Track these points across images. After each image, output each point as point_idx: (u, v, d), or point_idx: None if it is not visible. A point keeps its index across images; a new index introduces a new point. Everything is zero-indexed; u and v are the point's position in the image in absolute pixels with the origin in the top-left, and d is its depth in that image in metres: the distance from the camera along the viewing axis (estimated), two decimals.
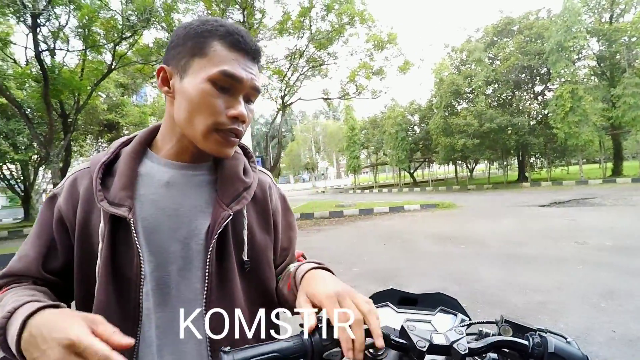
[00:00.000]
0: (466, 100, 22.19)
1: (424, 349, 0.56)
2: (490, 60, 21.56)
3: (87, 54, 11.04)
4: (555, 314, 3.24)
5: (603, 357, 2.49)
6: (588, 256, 5.02)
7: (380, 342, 0.53)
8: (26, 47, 10.43)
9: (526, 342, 0.57)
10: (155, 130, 0.73)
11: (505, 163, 22.87)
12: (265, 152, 17.61)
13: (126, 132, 18.50)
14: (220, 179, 0.72)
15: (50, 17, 9.63)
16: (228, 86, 0.63)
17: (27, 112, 11.18)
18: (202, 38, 0.63)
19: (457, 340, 0.58)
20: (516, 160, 24.40)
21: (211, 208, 0.69)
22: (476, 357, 0.61)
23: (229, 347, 0.50)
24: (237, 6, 11.34)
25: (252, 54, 0.66)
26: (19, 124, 13.49)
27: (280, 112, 15.02)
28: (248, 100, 0.67)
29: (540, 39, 18.86)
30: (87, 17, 9.30)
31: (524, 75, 20.65)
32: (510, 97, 21.75)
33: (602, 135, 17.70)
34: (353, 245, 7.34)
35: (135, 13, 9.83)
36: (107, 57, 11.68)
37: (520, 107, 20.07)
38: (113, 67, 11.18)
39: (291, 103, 15.40)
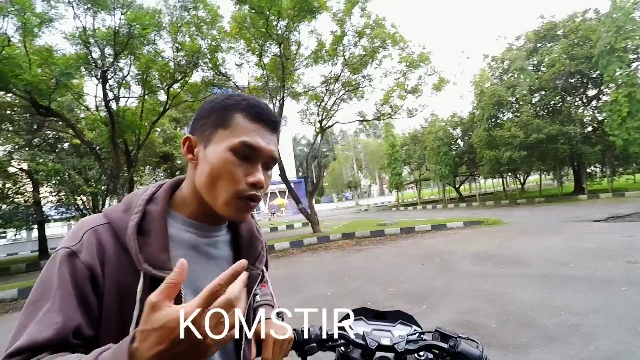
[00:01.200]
0: (511, 111, 21.40)
1: (374, 347, 0.88)
2: (535, 68, 20.77)
3: (145, 97, 12.39)
4: (587, 336, 3.21)
5: None
6: (638, 277, 4.78)
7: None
8: (96, 96, 12.09)
9: (445, 345, 0.86)
10: (172, 189, 0.75)
11: (560, 174, 21.51)
12: (307, 173, 18.13)
13: (179, 162, 20.06)
14: (242, 239, 0.80)
15: (115, 70, 11.04)
16: (248, 155, 0.67)
17: (97, 151, 12.63)
18: (225, 111, 0.68)
19: (398, 342, 0.89)
20: (572, 171, 22.87)
21: None
22: (415, 355, 0.90)
23: None
24: (274, 41, 12.14)
25: (271, 125, 0.71)
26: (90, 161, 15.27)
27: (319, 135, 15.54)
28: (267, 167, 0.72)
29: (588, 42, 17.93)
30: (145, 66, 10.65)
31: (573, 80, 19.61)
32: (559, 104, 20.66)
33: None
34: (392, 265, 7.43)
35: (185, 58, 11.05)
36: (162, 97, 13.06)
37: (572, 115, 18.95)
38: (168, 106, 12.44)
39: (329, 127, 15.89)
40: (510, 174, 24.48)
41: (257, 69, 13.50)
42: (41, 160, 13.10)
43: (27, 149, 14.89)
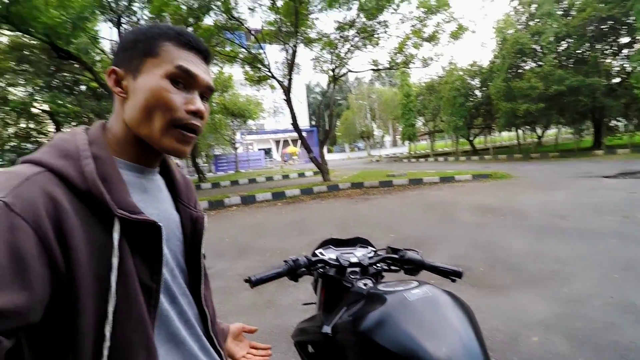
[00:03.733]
0: (534, 60, 20.36)
1: (346, 265, 1.18)
2: (564, 13, 19.40)
3: None
4: (563, 280, 3.53)
5: (592, 318, 2.82)
6: (629, 231, 4.98)
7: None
8: (111, 40, 11.99)
9: (396, 256, 1.20)
10: (103, 131, 0.67)
11: (579, 128, 20.89)
12: (319, 122, 18.10)
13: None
14: (177, 182, 0.78)
15: (129, 14, 10.89)
16: (184, 82, 0.64)
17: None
18: (153, 39, 0.63)
19: (362, 259, 1.19)
20: (593, 125, 22.15)
21: (177, 211, 0.75)
22: (375, 266, 1.19)
23: (250, 275, 1.08)
24: None
25: (204, 53, 0.68)
26: (107, 104, 15.58)
27: (332, 83, 15.32)
28: (203, 98, 0.68)
29: None
30: (158, 10, 10.49)
31: (604, 27, 18.30)
32: (586, 53, 19.50)
33: None
34: (396, 214, 7.80)
35: (197, 1, 10.80)
36: None
37: (598, 65, 17.95)
38: None
39: (342, 75, 15.58)
40: (527, 127, 23.93)
41: (271, 13, 13.07)
42: (61, 102, 13.48)
43: (47, 90, 15.25)
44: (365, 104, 43.54)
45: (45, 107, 15.71)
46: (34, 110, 15.95)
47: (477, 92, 25.35)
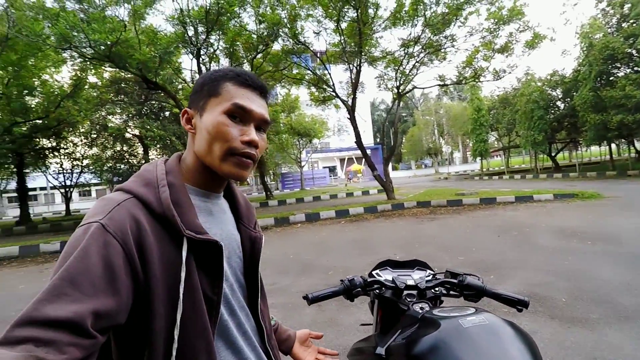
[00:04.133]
0: (629, 65, 18.14)
1: (402, 287, 1.17)
2: None
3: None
4: None
5: None
6: None
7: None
8: (191, 70, 13.44)
9: (456, 281, 1.14)
10: (179, 162, 0.78)
11: None
12: (383, 139, 17.97)
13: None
14: (240, 205, 0.87)
15: (207, 45, 12.10)
16: (240, 117, 0.73)
17: None
18: (215, 82, 0.74)
19: (420, 282, 1.17)
20: None
21: (238, 231, 0.83)
22: (433, 290, 1.16)
23: (308, 293, 1.14)
24: (351, 6, 11.96)
25: (259, 89, 0.77)
26: None
27: (397, 100, 15.19)
28: (259, 129, 0.77)
29: None
30: (231, 40, 11.53)
31: None
32: None
33: None
34: (465, 235, 7.37)
35: (266, 29, 11.65)
36: (246, 68, 13.97)
37: None
38: None
39: (406, 92, 15.40)
40: (622, 140, 21.17)
41: (335, 35, 13.52)
42: (149, 127, 15.26)
43: (137, 117, 17.40)
44: (432, 119, 42.28)
45: (136, 132, 17.95)
46: (127, 135, 18.34)
47: (559, 104, 23.25)
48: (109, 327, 0.56)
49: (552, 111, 22.78)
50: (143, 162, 18.75)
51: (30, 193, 26.39)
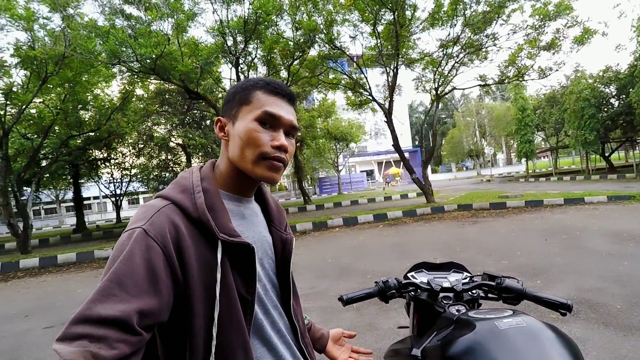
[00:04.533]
0: None
1: (438, 290, 1.16)
2: None
3: (270, 76, 13.82)
4: None
5: None
6: None
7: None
8: (230, 79, 14.04)
9: (493, 283, 1.12)
10: (213, 169, 0.83)
11: None
12: (422, 141, 17.65)
13: (298, 135, 21.78)
14: (271, 208, 0.91)
15: (246, 54, 12.60)
16: (270, 123, 0.76)
17: None
18: (246, 91, 0.78)
19: (456, 284, 1.17)
20: None
21: (270, 233, 0.87)
22: (470, 292, 1.15)
23: (342, 294, 1.18)
24: (388, 9, 11.94)
25: (288, 97, 0.81)
26: None
27: (435, 102, 14.91)
28: (289, 135, 0.80)
29: None
30: (269, 48, 11.93)
31: None
32: None
33: None
34: (509, 238, 7.11)
35: (303, 36, 11.94)
36: (283, 74, 14.35)
37: None
38: (289, 82, 13.65)
39: (445, 93, 15.07)
40: None
41: (371, 38, 13.54)
42: (191, 136, 16.04)
43: (180, 127, 18.34)
44: (473, 120, 40.83)
45: (179, 140, 18.91)
46: (171, 144, 19.36)
47: (613, 101, 21.64)
48: (153, 324, 0.61)
49: (605, 109, 21.23)
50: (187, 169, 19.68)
51: (85, 202, 28.52)
